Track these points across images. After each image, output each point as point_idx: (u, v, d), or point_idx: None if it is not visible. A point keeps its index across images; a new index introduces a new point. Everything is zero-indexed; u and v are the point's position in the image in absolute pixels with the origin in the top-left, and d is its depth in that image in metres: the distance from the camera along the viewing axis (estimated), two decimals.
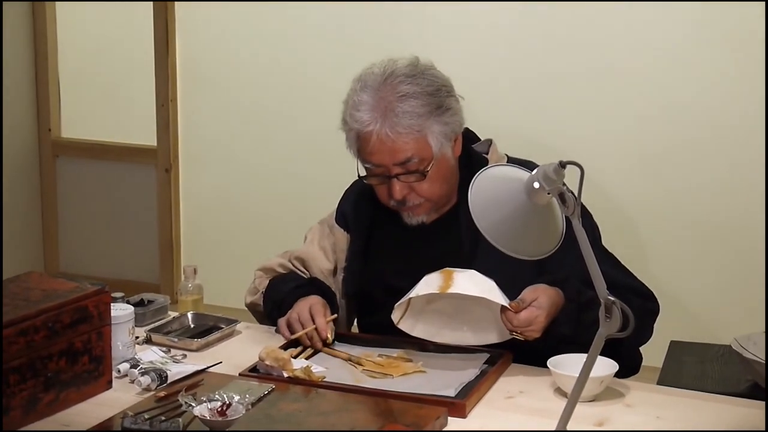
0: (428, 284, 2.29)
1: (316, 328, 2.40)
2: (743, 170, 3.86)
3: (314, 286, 2.59)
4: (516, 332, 2.29)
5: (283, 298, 2.55)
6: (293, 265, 2.68)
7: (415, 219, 2.49)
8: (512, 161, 2.51)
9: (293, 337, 2.41)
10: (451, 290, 2.25)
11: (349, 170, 2.71)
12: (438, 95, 2.43)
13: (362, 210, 2.61)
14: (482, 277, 2.30)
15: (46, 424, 2.03)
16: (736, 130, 3.85)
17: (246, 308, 2.71)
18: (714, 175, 3.91)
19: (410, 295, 2.30)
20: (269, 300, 2.62)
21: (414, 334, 2.38)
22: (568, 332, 2.30)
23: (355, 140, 2.46)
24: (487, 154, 2.55)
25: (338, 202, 2.71)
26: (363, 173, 2.49)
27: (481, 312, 2.34)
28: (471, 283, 2.27)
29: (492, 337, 2.36)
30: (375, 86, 2.43)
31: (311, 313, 2.43)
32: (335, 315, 2.48)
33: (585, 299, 2.29)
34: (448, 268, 2.31)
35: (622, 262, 2.53)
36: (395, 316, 2.36)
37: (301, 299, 2.49)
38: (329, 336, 2.40)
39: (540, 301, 2.27)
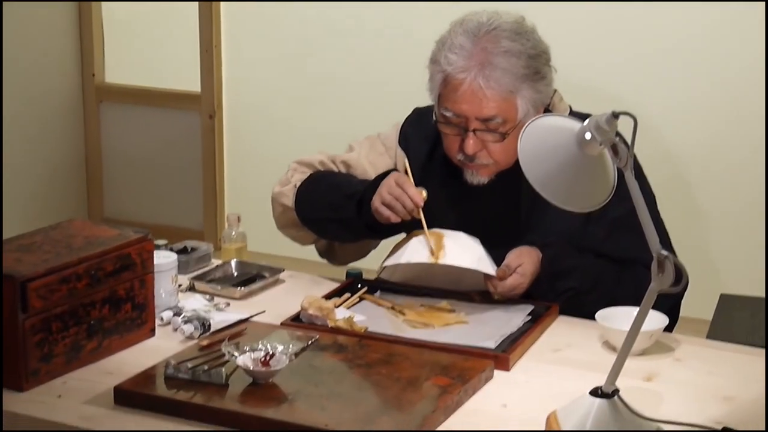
0: (418, 250, 2.33)
1: (410, 197, 2.34)
2: None
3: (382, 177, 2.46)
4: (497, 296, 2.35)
5: (363, 191, 2.42)
6: (337, 168, 2.58)
7: (477, 179, 2.42)
8: (575, 114, 2.43)
9: (394, 219, 2.35)
10: (443, 261, 2.29)
11: (396, 118, 2.67)
12: (538, 60, 2.35)
13: (429, 137, 2.52)
14: (470, 241, 2.35)
15: (89, 372, 2.03)
16: None
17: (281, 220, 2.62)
18: None
19: (401, 261, 2.34)
20: (329, 190, 2.49)
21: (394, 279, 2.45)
22: (539, 296, 2.36)
23: (442, 83, 2.36)
24: (550, 104, 2.47)
25: (400, 125, 2.60)
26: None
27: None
28: (461, 249, 2.32)
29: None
30: (477, 33, 2.33)
31: (399, 185, 2.35)
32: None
33: (560, 269, 2.35)
34: (437, 230, 2.35)
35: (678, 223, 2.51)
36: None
37: (384, 180, 2.39)
38: (423, 197, 2.34)
39: (524, 268, 2.33)
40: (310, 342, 2.07)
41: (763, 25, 3.76)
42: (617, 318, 2.16)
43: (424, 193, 2.35)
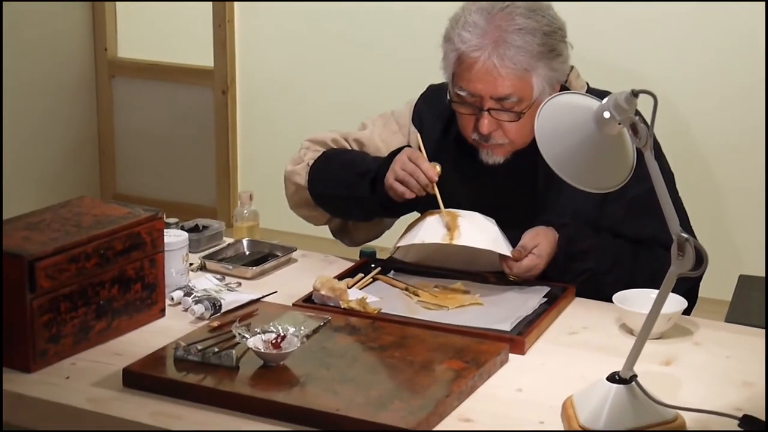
0: (433, 230, 2.29)
1: (423, 173, 2.30)
2: None
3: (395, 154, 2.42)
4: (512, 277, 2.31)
5: (377, 169, 2.39)
6: (349, 146, 2.55)
7: (493, 159, 2.39)
8: (592, 91, 2.40)
9: (408, 195, 2.32)
10: (457, 241, 2.25)
11: (410, 95, 2.63)
12: (553, 37, 2.30)
13: (443, 115, 2.48)
14: (486, 221, 2.32)
15: (98, 353, 2.00)
16: None
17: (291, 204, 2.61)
18: None
19: (415, 241, 2.30)
20: (342, 168, 2.46)
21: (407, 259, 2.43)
22: (556, 277, 2.32)
23: (455, 62, 2.33)
24: (566, 81, 2.43)
25: (414, 103, 2.56)
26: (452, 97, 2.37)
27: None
28: (477, 230, 2.29)
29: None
30: (491, 10, 2.29)
31: (412, 161, 2.32)
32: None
33: (577, 249, 2.30)
34: (452, 210, 2.31)
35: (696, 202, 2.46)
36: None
37: (397, 156, 2.36)
38: (437, 172, 2.30)
39: (541, 248, 2.29)
40: (322, 323, 2.04)
41: None
42: (635, 300, 2.12)
43: (438, 168, 2.32)
